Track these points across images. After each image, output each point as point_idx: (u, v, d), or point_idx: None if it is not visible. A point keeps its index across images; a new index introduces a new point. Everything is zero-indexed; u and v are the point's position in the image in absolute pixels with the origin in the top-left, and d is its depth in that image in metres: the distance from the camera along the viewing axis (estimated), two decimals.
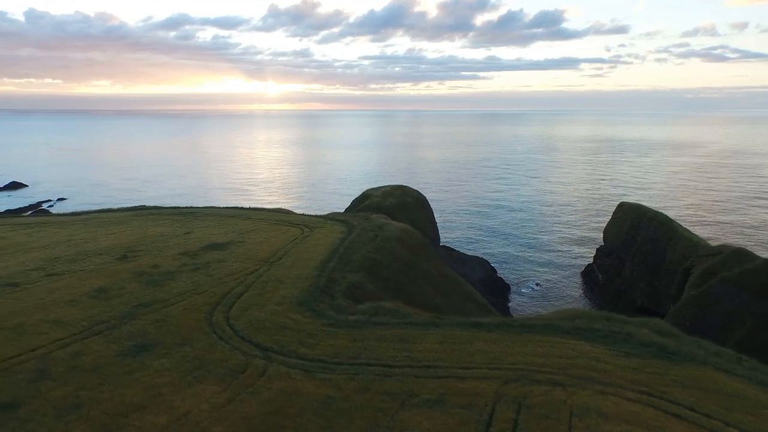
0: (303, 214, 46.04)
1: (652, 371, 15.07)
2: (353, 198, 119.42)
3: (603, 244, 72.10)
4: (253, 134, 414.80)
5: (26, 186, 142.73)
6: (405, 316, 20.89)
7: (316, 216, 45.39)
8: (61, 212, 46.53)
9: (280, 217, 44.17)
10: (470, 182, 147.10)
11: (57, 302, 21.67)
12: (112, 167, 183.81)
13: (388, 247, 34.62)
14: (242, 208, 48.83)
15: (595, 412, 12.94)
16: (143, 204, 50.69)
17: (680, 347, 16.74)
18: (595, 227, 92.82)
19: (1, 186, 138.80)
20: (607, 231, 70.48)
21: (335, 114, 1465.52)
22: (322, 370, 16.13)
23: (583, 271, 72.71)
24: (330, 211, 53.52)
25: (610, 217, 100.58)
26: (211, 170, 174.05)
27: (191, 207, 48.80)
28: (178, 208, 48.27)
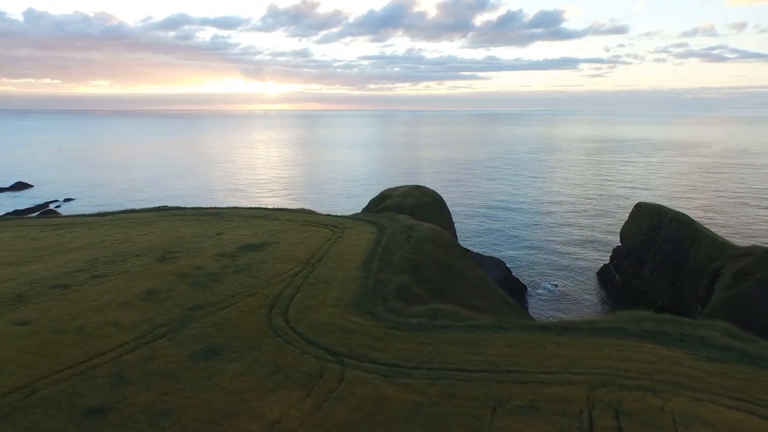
0: (329, 215, 45.76)
1: (741, 377, 14.81)
2: (362, 198, 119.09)
3: (620, 244, 71.84)
4: (254, 134, 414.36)
5: (32, 186, 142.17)
6: (465, 319, 20.62)
7: (341, 216, 45.10)
8: (89, 213, 46.10)
9: (306, 217, 43.88)
10: (477, 183, 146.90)
11: (110, 304, 21.34)
12: (115, 167, 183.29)
13: (424, 248, 34.39)
14: (266, 208, 48.59)
15: (698, 420, 12.68)
16: (165, 204, 50.41)
17: (761, 351, 16.50)
18: (605, 227, 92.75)
19: (7, 186, 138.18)
20: (625, 231, 70.20)
21: (334, 114, 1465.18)
22: (400, 374, 15.83)
23: (598, 272, 72.45)
24: (341, 211, 53.07)
25: (619, 217, 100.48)
26: (215, 171, 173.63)
27: (216, 207, 48.47)
28: (203, 208, 47.94)
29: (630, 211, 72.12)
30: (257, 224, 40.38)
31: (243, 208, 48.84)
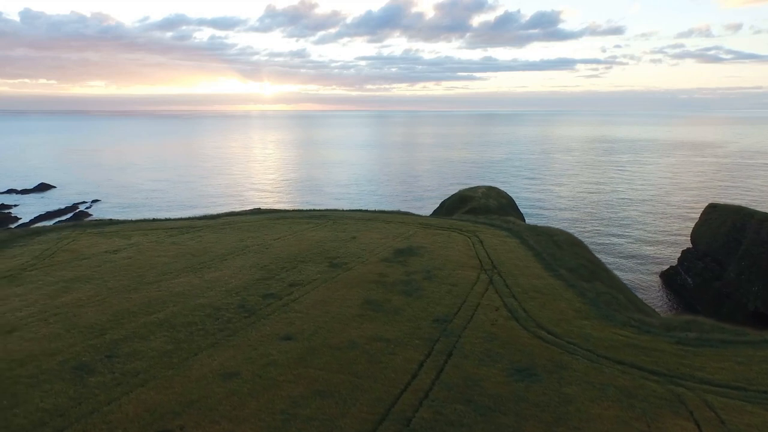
0: (440, 217, 44.27)
1: None
2: (391, 197, 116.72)
3: (690, 246, 70.69)
4: (257, 135, 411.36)
5: (54, 187, 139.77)
6: (739, 333, 19.18)
7: (455, 219, 43.63)
8: (193, 216, 44.32)
9: (419, 220, 42.56)
10: (505, 183, 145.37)
11: (347, 316, 19.82)
12: (130, 168, 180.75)
13: (578, 252, 33.04)
14: (366, 210, 47.05)
15: None
16: (258, 207, 48.85)
17: None
18: (656, 229, 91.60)
19: (31, 188, 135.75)
20: (698, 233, 68.93)
21: (332, 115, 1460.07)
22: (763, 400, 14.32)
23: (662, 274, 71.24)
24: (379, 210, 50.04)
25: (664, 219, 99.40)
26: (231, 171, 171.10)
27: (317, 210, 46.84)
28: (302, 210, 46.35)
29: (675, 209, 70.31)
30: (377, 227, 38.85)
31: (344, 210, 47.20)
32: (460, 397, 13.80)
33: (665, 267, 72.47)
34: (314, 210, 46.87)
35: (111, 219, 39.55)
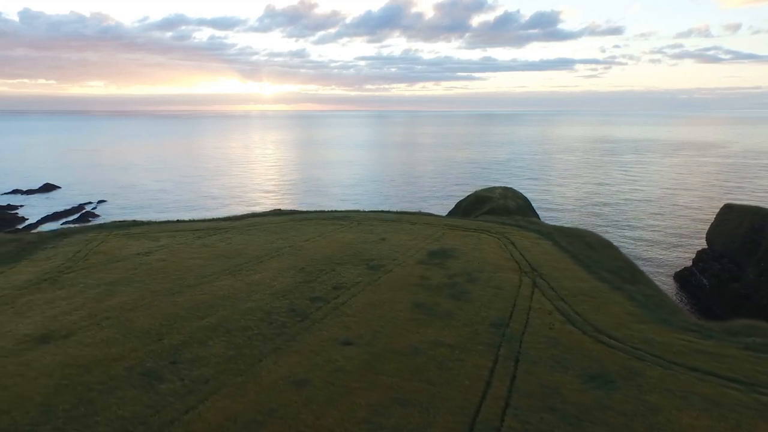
0: (463, 218, 43.85)
1: None
2: (400, 198, 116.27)
3: (704, 247, 70.43)
4: (258, 135, 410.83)
5: (59, 188, 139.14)
6: None
7: (480, 220, 43.24)
8: (216, 217, 43.93)
9: (443, 221, 42.20)
10: (509, 183, 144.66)
11: (401, 321, 19.42)
12: (133, 168, 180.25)
13: (612, 253, 32.66)
14: (388, 211, 46.62)
15: None
16: (280, 208, 48.34)
17: None
18: (666, 230, 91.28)
19: (36, 188, 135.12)
20: (713, 234, 68.67)
21: (331, 115, 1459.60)
22: None
23: (675, 276, 70.95)
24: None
25: (673, 219, 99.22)
26: (235, 171, 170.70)
27: (337, 210, 46.41)
28: (323, 211, 45.87)
29: (687, 210, 69.69)
30: (404, 228, 38.45)
31: (366, 211, 46.80)
32: (543, 406, 13.40)
33: (678, 268, 72.25)
34: (336, 211, 46.42)
35: (135, 220, 39.10)
